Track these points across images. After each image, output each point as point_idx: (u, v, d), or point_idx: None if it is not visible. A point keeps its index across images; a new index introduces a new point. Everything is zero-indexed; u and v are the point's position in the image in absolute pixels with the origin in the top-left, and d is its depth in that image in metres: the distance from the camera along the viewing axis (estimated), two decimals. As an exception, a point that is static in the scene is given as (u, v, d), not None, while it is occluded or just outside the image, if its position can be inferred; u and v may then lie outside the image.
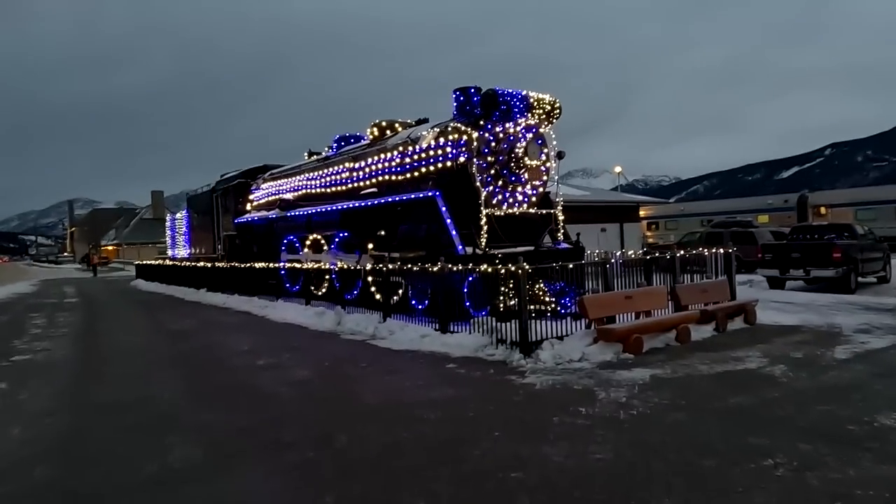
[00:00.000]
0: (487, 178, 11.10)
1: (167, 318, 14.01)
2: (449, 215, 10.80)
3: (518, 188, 11.58)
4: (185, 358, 8.62)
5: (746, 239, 21.62)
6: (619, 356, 7.47)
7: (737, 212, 38.64)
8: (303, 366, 7.69)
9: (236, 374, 7.39)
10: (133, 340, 10.41)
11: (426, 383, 6.50)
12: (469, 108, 12.05)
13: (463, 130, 11.18)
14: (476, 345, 8.20)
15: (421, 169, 12.05)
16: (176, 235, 29.12)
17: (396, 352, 8.51)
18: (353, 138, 16.69)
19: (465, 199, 11.19)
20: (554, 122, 11.61)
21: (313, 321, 11.87)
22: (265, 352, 8.80)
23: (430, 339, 8.94)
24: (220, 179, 22.88)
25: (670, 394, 5.72)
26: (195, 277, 20.92)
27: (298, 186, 17.07)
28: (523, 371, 6.94)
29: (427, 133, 12.19)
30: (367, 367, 7.41)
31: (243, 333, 10.95)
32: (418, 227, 11.56)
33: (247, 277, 16.87)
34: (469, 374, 6.93)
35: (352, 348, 8.99)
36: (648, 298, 8.60)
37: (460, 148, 11.10)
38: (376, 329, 10.22)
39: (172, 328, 12.09)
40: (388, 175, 13.08)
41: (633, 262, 9.54)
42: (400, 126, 14.33)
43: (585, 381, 6.30)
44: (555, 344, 7.77)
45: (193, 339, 10.49)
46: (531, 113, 11.18)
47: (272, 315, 13.42)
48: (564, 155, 11.72)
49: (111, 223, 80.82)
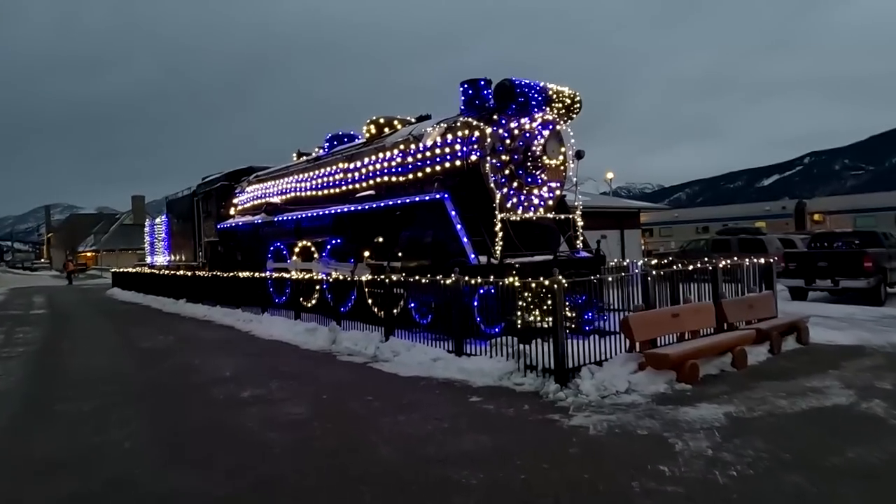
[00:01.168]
0: (501, 179, 9.93)
1: (141, 333, 12.64)
2: (459, 220, 9.62)
3: (534, 190, 10.42)
4: (155, 388, 7.31)
5: (755, 247, 20.62)
6: (672, 386, 6.32)
7: (733, 218, 37.94)
8: (296, 399, 6.42)
9: (215, 410, 6.10)
10: (97, 364, 9.06)
11: (452, 426, 5.27)
12: (479, 101, 10.90)
13: (474, 126, 10.00)
14: (500, 371, 6.99)
15: (425, 169, 10.86)
16: (155, 242, 27.62)
17: (405, 379, 7.28)
18: (346, 137, 15.46)
19: (476, 202, 10.01)
20: (574, 117, 10.48)
21: (304, 339, 10.59)
22: (250, 379, 7.52)
23: (444, 363, 7.72)
24: (201, 182, 21.50)
25: (763, 442, 4.56)
26: (174, 287, 19.50)
27: (287, 189, 15.78)
28: (565, 407, 5.75)
29: (432, 130, 11.01)
30: (374, 402, 6.17)
31: (225, 354, 9.65)
32: (423, 234, 10.35)
33: (230, 288, 15.52)
34: (500, 411, 5.72)
35: (352, 374, 7.74)
36: (696, 316, 7.47)
37: (472, 145, 9.92)
38: (378, 349, 8.97)
39: (145, 347, 10.73)
40: (388, 176, 11.86)
41: (672, 274, 8.40)
42: (399, 123, 13.14)
43: (648, 424, 5.12)
44: (594, 371, 6.59)
45: (168, 360, 9.16)
46: (550, 107, 10.04)
47: (258, 331, 12.11)
48: (584, 154, 10.58)
49: (90, 229, 78.38)
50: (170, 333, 12.41)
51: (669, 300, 8.38)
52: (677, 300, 8.39)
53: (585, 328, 8.89)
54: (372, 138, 13.27)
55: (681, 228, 40.19)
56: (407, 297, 10.29)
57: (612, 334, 7.20)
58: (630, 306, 8.24)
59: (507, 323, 8.02)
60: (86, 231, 77.63)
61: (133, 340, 11.63)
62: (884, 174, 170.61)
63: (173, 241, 24.49)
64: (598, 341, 6.87)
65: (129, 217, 76.09)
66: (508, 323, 7.96)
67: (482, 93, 10.97)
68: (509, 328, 7.82)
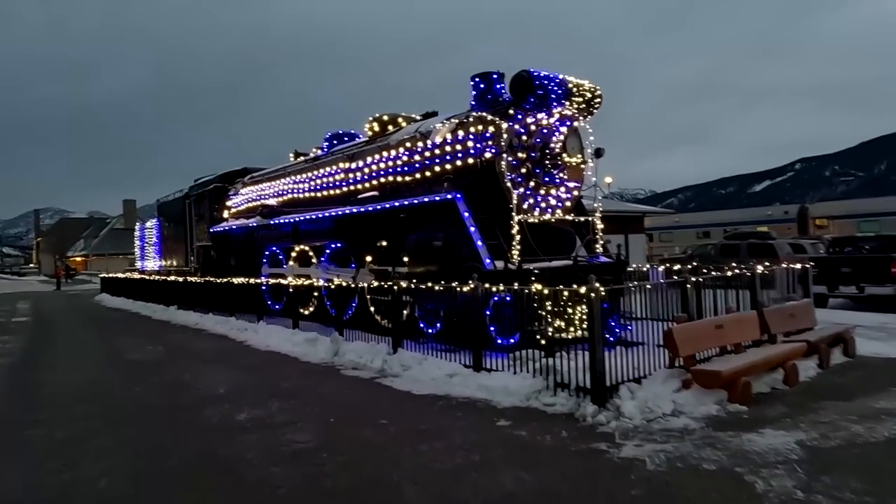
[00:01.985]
0: (518, 178, 9.23)
1: (128, 343, 11.83)
2: (473, 222, 8.91)
3: (552, 190, 9.73)
4: (141, 409, 6.54)
5: (766, 252, 20.03)
6: (725, 408, 5.62)
7: (734, 224, 37.38)
8: (300, 423, 5.68)
9: (208, 438, 5.35)
10: (78, 379, 8.27)
11: (484, 459, 4.54)
12: (491, 96, 10.22)
13: (489, 121, 9.31)
14: (527, 390, 6.27)
15: (434, 168, 10.15)
16: (146, 246, 26.75)
17: (420, 398, 6.54)
18: (347, 136, 14.74)
19: (490, 202, 9.31)
20: (595, 112, 9.79)
21: (304, 350, 9.84)
22: (248, 397, 6.76)
23: (462, 379, 6.99)
24: (194, 184, 20.71)
25: (860, 481, 3.86)
26: (165, 293, 18.67)
27: (283, 191, 15.02)
28: (609, 433, 5.04)
29: (441, 126, 10.30)
30: (389, 427, 5.43)
31: (219, 367, 8.88)
32: (432, 237, 9.63)
33: (223, 294, 14.72)
34: (535, 438, 4.99)
35: (360, 392, 6.99)
36: (739, 327, 6.77)
37: (486, 141, 9.22)
38: (386, 363, 8.23)
39: (132, 358, 9.94)
40: (392, 176, 11.14)
41: (711, 281, 7.71)
42: (404, 120, 12.44)
43: (713, 455, 4.41)
44: (633, 390, 5.89)
45: (155, 375, 8.39)
46: (569, 101, 9.34)
47: (253, 341, 11.34)
48: (604, 152, 9.90)
49: (80, 233, 77.11)
50: (159, 343, 11.62)
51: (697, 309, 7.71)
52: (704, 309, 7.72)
53: (610, 339, 8.22)
54: (375, 136, 12.56)
55: (681, 234, 39.65)
56: (413, 304, 9.58)
57: (636, 345, 6.49)
58: (657, 315, 7.56)
59: (524, 334, 7.33)
60: (76, 235, 76.40)
61: (119, 351, 10.83)
62: (873, 180, 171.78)
63: (164, 245, 23.65)
64: (629, 355, 6.14)
65: (120, 221, 74.99)
66: (526, 334, 7.26)
67: (495, 87, 10.30)
68: (527, 339, 7.12)
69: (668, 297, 7.65)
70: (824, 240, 24.17)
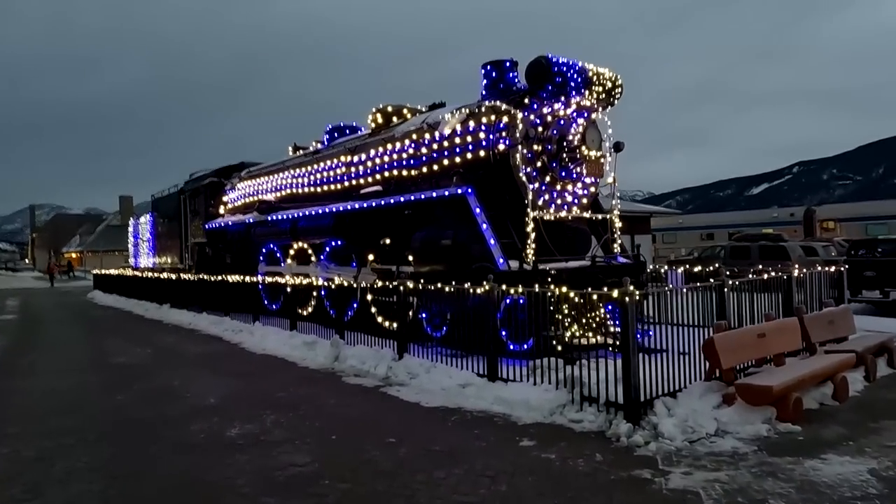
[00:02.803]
0: (533, 173, 8.62)
1: (115, 345, 11.19)
2: (485, 219, 8.29)
3: (568, 186, 9.12)
4: (121, 422, 5.91)
5: (777, 254, 19.46)
6: (775, 427, 5.01)
7: (738, 225, 36.78)
8: (298, 440, 5.06)
9: (194, 458, 4.72)
10: (57, 386, 7.63)
11: (511, 489, 3.92)
12: (504, 85, 9.61)
13: (503, 110, 8.69)
14: (550, 404, 5.65)
15: (442, 161, 9.53)
16: (139, 242, 26.09)
17: (431, 411, 5.93)
18: (348, 129, 14.10)
19: (503, 198, 8.71)
20: (614, 104, 9.18)
21: (302, 354, 9.22)
22: (240, 408, 6.13)
23: (476, 390, 6.37)
24: (189, 179, 20.07)
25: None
26: (158, 291, 18.02)
27: (282, 185, 14.39)
28: (649, 457, 4.43)
29: (450, 116, 9.68)
30: (399, 447, 4.81)
31: (211, 373, 8.25)
32: (440, 234, 9.01)
33: (218, 293, 14.08)
34: (567, 463, 4.38)
35: (364, 403, 6.37)
36: (781, 336, 6.17)
37: (499, 132, 8.61)
38: (391, 370, 7.61)
39: (118, 362, 9.30)
40: (397, 169, 10.53)
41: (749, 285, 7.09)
42: (409, 112, 11.80)
43: (776, 487, 3.80)
44: (669, 405, 5.28)
45: (142, 381, 7.75)
46: (589, 90, 8.73)
47: (249, 343, 10.71)
48: (623, 146, 9.28)
49: (75, 229, 76.26)
50: (148, 345, 10.98)
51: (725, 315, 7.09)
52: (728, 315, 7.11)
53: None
54: (378, 128, 11.93)
55: (685, 235, 39.04)
56: (418, 306, 8.97)
57: (659, 352, 5.88)
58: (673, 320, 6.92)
59: (538, 339, 6.73)
60: (71, 231, 75.59)
61: (105, 354, 10.19)
62: (871, 184, 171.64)
63: (159, 241, 22.99)
64: (660, 364, 5.51)
65: (116, 218, 74.15)
66: (541, 339, 6.66)
67: (507, 75, 9.69)
68: (542, 345, 6.52)
69: (694, 302, 7.04)
70: (836, 242, 23.61)
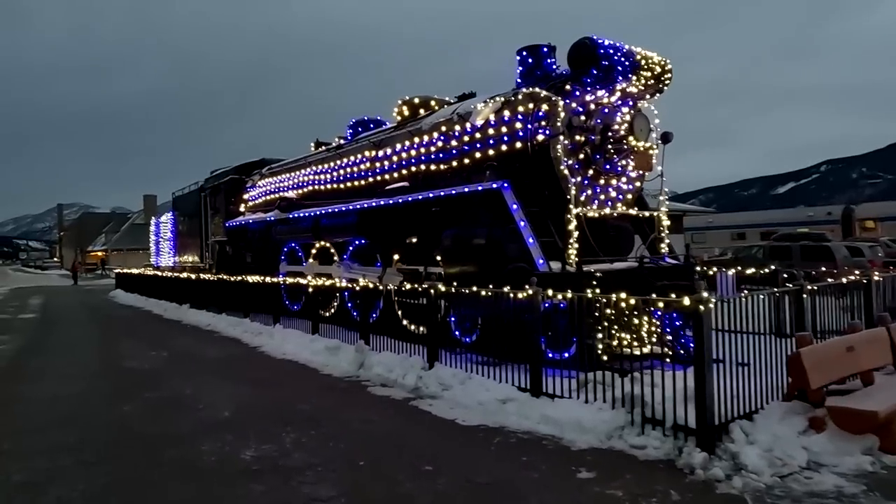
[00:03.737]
0: (575, 165, 7.90)
1: (130, 348, 10.73)
2: (522, 216, 7.60)
3: (612, 180, 8.40)
4: (124, 438, 5.34)
5: (821, 255, 18.44)
6: (879, 459, 4.25)
7: (771, 225, 35.49)
8: (321, 466, 4.43)
9: (200, 487, 4.12)
10: (63, 394, 7.13)
11: (578, 539, 3.25)
12: (541, 72, 8.92)
13: (542, 97, 7.99)
14: (606, 426, 4.95)
15: (474, 154, 8.88)
16: (160, 241, 25.86)
17: (470, 431, 5.26)
18: (373, 123, 13.52)
19: (541, 193, 8.02)
20: (663, 91, 8.42)
21: (325, 359, 8.62)
22: (257, 424, 5.53)
23: (518, 406, 5.69)
24: (209, 176, 19.68)
25: None
26: (177, 290, 17.63)
27: (304, 182, 13.86)
28: (735, 496, 3.72)
29: (483, 106, 9.00)
30: (437, 478, 4.15)
31: (227, 380, 7.68)
32: (472, 233, 8.34)
33: (237, 293, 13.58)
34: (639, 503, 3.68)
35: (394, 419, 5.73)
36: (872, 349, 5.38)
37: (538, 122, 7.92)
38: (421, 380, 6.96)
39: (130, 367, 8.80)
40: (425, 164, 9.90)
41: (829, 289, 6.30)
42: (437, 104, 11.16)
43: (911, 545, 3.07)
44: (748, 430, 4.55)
45: (152, 389, 7.21)
46: (637, 75, 7.98)
47: (268, 346, 10.15)
48: (672, 137, 8.52)
49: (101, 228, 77.15)
50: (164, 348, 10.49)
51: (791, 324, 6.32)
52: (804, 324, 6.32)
53: (683, 355, 6.90)
54: (404, 121, 11.31)
55: (715, 234, 37.81)
56: (446, 309, 8.35)
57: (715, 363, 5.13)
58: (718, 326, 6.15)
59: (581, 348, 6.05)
60: (97, 230, 76.50)
61: (118, 357, 9.70)
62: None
63: (179, 240, 22.69)
64: (730, 380, 4.76)
65: (140, 217, 74.82)
66: (587, 349, 5.97)
67: (545, 62, 9.00)
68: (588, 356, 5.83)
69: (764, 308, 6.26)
70: (883, 243, 22.42)
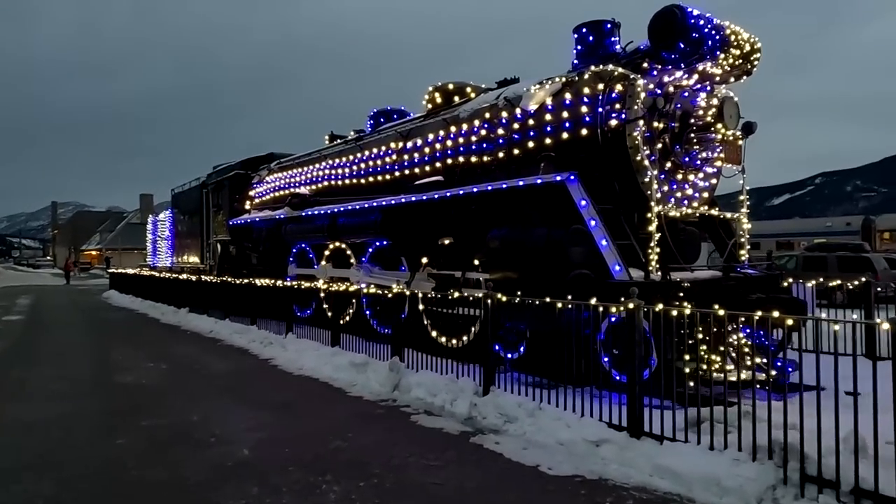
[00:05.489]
0: (651, 157, 6.75)
1: (125, 357, 9.50)
2: (594, 213, 6.44)
3: (689, 176, 7.26)
4: (116, 488, 4.13)
5: (860, 266, 17.45)
6: None
7: (787, 235, 34.61)
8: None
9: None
10: (42, 417, 5.91)
11: None
12: (603, 51, 7.78)
13: (617, 76, 6.85)
14: (755, 486, 3.77)
15: (526, 143, 7.74)
16: (158, 240, 24.65)
17: (562, 482, 4.07)
18: (396, 114, 12.37)
19: (610, 187, 6.88)
20: (751, 73, 7.27)
21: (350, 377, 7.43)
22: (287, 473, 4.33)
23: (617, 450, 4.50)
24: (212, 172, 18.49)
25: None
26: (176, 293, 16.39)
27: (318, 177, 12.69)
28: None
29: (537, 88, 7.83)
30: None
31: (240, 402, 6.47)
32: (526, 234, 7.17)
33: (244, 297, 12.36)
34: None
35: (460, 466, 4.52)
36: None
37: (612, 104, 6.77)
38: (475, 407, 5.77)
39: (125, 382, 7.57)
40: (464, 155, 8.76)
41: None
42: (473, 91, 9.99)
43: None
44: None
45: (152, 413, 6.00)
46: (726, 53, 6.83)
47: (282, 359, 8.95)
48: (756, 128, 7.37)
49: (96, 227, 75.65)
50: (163, 358, 9.27)
51: None
52: None
53: (781, 380, 5.75)
54: (436, 109, 10.14)
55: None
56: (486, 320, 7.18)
57: (808, 389, 3.98)
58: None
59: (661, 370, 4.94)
60: (91, 229, 75.05)
61: (111, 369, 8.47)
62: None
63: (178, 240, 21.48)
64: None
65: (136, 216, 73.43)
66: (677, 372, 4.82)
67: (607, 40, 7.88)
68: (663, 377, 4.71)
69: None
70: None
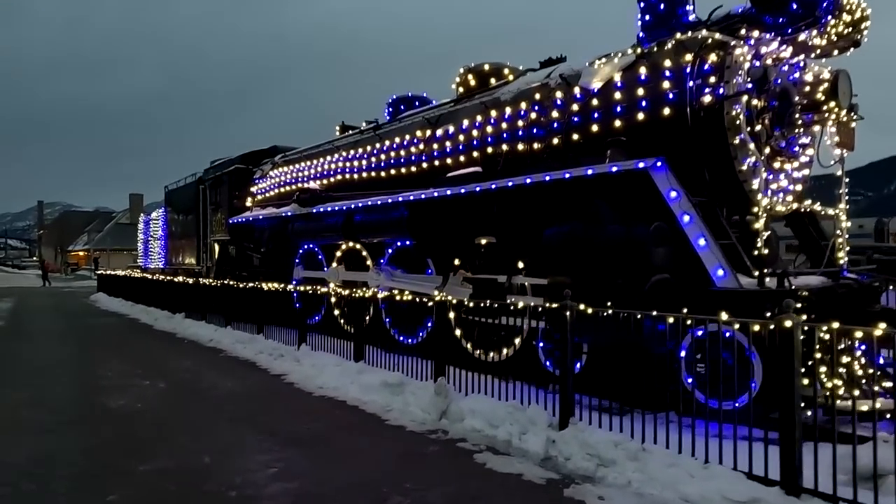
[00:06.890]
0: (750, 141, 5.66)
1: (115, 373, 8.29)
2: (689, 207, 5.35)
3: (786, 165, 6.19)
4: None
5: (895, 269, 16.39)
6: None
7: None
8: None
9: None
10: (14, 459, 4.72)
11: None
12: (676, 21, 6.70)
13: (710, 44, 5.76)
14: None
15: (589, 127, 6.65)
16: (150, 240, 23.35)
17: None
18: (418, 101, 11.24)
19: (701, 177, 5.79)
20: (860, 45, 6.20)
21: (384, 400, 6.28)
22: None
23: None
24: (209, 167, 17.29)
25: None
26: (171, 296, 15.16)
27: (330, 171, 11.55)
28: None
29: (604, 63, 6.72)
30: None
31: (256, 435, 5.31)
32: (595, 232, 6.07)
33: (248, 303, 11.17)
34: None
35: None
36: None
37: (703, 77, 5.68)
38: (553, 445, 4.66)
39: (115, 408, 6.37)
40: (508, 143, 7.67)
41: None
42: (511, 73, 8.87)
43: None
44: None
45: (151, 454, 4.83)
46: (837, 19, 5.77)
47: (297, 375, 7.77)
48: (858, 108, 6.30)
49: (83, 227, 73.74)
50: (160, 374, 8.07)
51: None
52: None
53: None
54: (469, 92, 9.02)
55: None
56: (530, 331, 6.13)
57: None
58: None
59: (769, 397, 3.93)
60: (79, 229, 73.17)
61: (100, 390, 7.25)
62: (883, 200, 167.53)
63: (172, 240, 20.22)
64: None
65: (125, 216, 71.65)
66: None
67: (679, 9, 6.78)
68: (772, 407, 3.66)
69: None
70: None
